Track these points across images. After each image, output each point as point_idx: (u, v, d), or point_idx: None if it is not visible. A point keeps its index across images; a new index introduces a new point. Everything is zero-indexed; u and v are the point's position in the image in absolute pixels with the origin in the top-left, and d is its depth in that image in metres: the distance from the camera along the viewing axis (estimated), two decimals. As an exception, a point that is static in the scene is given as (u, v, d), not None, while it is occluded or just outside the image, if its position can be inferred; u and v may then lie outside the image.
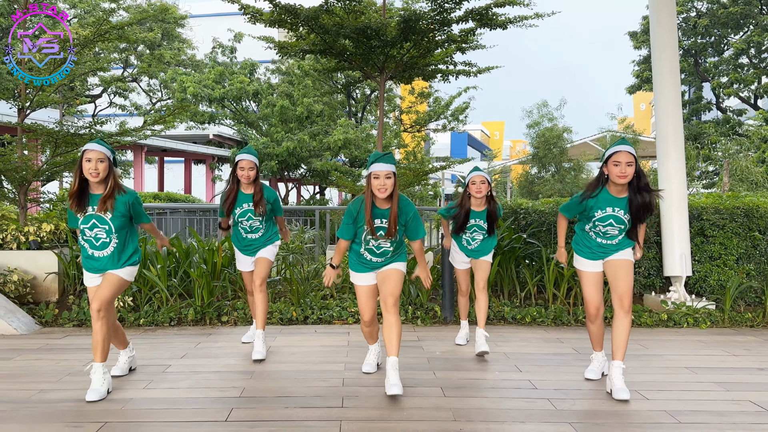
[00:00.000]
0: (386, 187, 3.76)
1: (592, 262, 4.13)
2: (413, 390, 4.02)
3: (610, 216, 3.95)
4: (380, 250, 4.03)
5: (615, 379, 3.91)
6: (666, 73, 6.99)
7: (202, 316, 6.22)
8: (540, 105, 31.43)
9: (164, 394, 3.92)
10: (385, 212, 3.89)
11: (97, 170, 3.76)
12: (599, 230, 4.04)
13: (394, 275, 4.05)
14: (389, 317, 3.95)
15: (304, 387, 4.07)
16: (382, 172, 3.76)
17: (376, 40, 7.19)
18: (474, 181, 4.84)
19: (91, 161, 3.76)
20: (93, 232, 3.90)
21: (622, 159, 3.78)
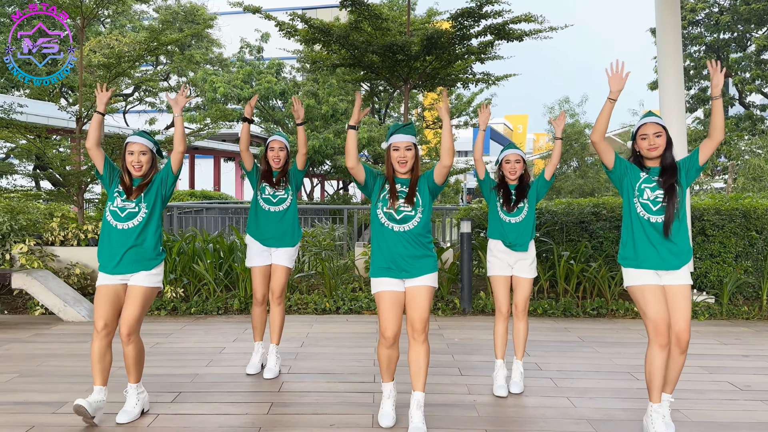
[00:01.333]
0: (406, 158, 3.49)
1: (648, 273, 3.45)
2: (434, 369, 4.68)
3: (653, 180, 3.47)
4: (401, 215, 3.51)
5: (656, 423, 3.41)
6: (671, 72, 7.42)
7: (246, 306, 6.95)
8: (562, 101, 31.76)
9: (225, 370, 4.65)
10: (405, 181, 3.57)
11: (140, 162, 3.67)
12: (647, 199, 3.45)
13: (422, 295, 3.52)
14: (416, 346, 3.50)
15: (341, 366, 4.77)
16: (402, 143, 3.49)
17: (401, 55, 7.84)
18: (508, 160, 4.25)
19: (133, 154, 3.67)
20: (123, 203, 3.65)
21: (649, 131, 3.48)
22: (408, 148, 3.50)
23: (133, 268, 3.67)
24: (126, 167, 3.71)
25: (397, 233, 3.52)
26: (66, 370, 4.67)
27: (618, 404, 4.03)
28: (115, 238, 3.66)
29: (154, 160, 3.81)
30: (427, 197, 3.59)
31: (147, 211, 3.70)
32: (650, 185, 3.48)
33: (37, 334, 5.90)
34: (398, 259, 3.52)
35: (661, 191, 3.45)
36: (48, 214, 8.68)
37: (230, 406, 3.87)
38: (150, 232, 3.72)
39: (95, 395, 3.67)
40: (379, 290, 3.55)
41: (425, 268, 3.56)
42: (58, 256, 7.65)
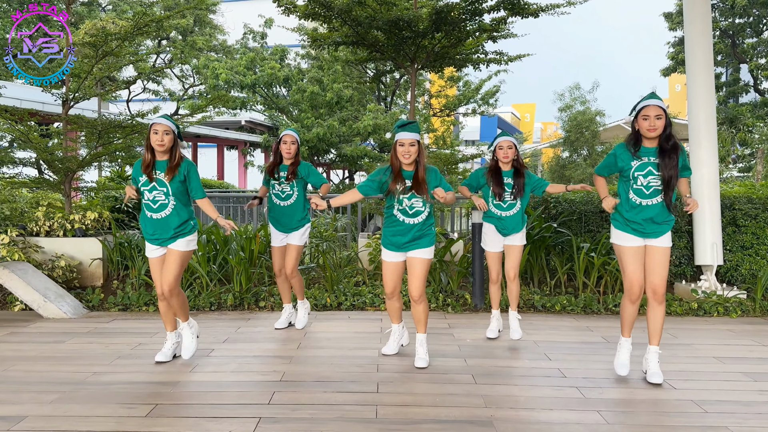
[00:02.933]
0: (410, 153, 4.08)
1: (632, 237, 4.02)
2: (445, 377, 4.18)
3: (648, 164, 3.91)
4: (413, 210, 4.23)
5: (651, 363, 4.10)
6: (699, 58, 6.95)
7: (241, 302, 6.46)
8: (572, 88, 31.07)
9: (210, 377, 4.15)
10: (411, 174, 4.18)
11: (163, 141, 4.17)
12: (641, 185, 3.93)
13: (418, 267, 4.30)
14: (415, 306, 4.37)
15: (340, 372, 4.26)
16: (406, 140, 4.08)
17: (408, 31, 7.28)
18: (501, 146, 4.85)
19: (158, 133, 4.16)
20: (152, 195, 4.26)
21: (650, 112, 3.82)
22: (412, 144, 4.09)
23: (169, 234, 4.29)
24: (150, 146, 4.20)
25: (406, 224, 4.27)
26: (35, 377, 4.17)
27: (657, 420, 3.51)
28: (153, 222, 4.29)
29: (176, 142, 4.29)
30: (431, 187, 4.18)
31: (175, 203, 4.27)
32: (642, 172, 3.92)
33: (12, 332, 5.42)
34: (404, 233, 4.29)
35: (654, 176, 3.90)
36: (35, 203, 8.20)
37: (211, 423, 3.37)
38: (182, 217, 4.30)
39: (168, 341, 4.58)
40: (385, 259, 4.41)
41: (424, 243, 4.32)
42: (42, 248, 7.16)
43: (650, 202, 3.96)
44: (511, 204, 4.93)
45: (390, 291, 4.45)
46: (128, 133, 7.53)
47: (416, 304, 4.36)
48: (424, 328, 4.46)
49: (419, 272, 4.30)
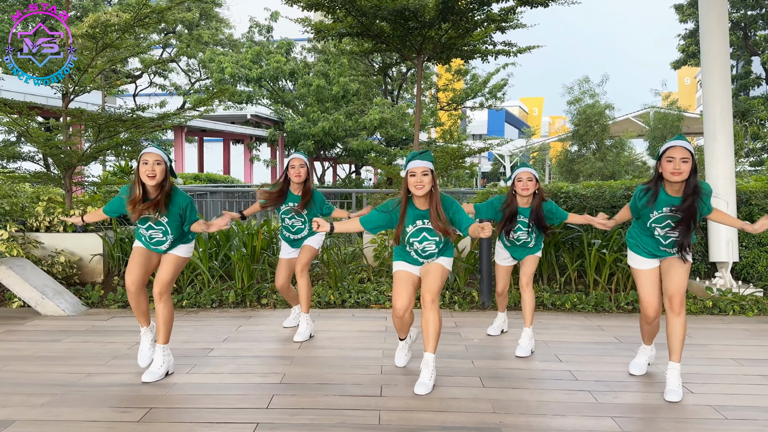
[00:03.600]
0: (423, 183, 3.67)
1: (647, 260, 3.88)
2: (451, 379, 4.02)
3: (667, 217, 3.70)
4: (426, 253, 3.87)
5: (670, 380, 3.80)
6: (714, 50, 6.73)
7: (243, 299, 6.31)
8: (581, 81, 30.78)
9: (208, 379, 4.00)
10: (425, 213, 3.79)
11: (154, 172, 3.81)
12: (658, 236, 3.78)
13: (435, 270, 3.87)
14: (427, 313, 3.82)
15: (342, 374, 4.10)
16: (418, 169, 3.68)
17: (414, 22, 7.10)
18: (520, 178, 4.49)
19: (148, 163, 3.81)
20: (148, 233, 4.00)
21: (676, 155, 3.53)
22: (425, 173, 3.69)
23: None
24: (140, 179, 3.84)
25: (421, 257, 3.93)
26: (27, 378, 4.03)
27: (674, 427, 3.33)
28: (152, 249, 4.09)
29: (167, 173, 3.92)
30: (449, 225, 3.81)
31: (173, 238, 4.02)
32: (660, 225, 3.73)
33: (8, 330, 5.29)
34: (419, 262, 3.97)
35: (671, 229, 3.70)
36: (35, 197, 8.09)
37: (206, 429, 3.22)
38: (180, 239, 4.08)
39: None
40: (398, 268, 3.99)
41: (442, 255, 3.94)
42: (42, 243, 7.05)
43: (666, 251, 3.82)
44: (526, 242, 4.68)
45: (400, 306, 3.89)
46: (129, 127, 7.40)
47: (427, 310, 3.80)
48: (432, 347, 3.82)
49: (437, 276, 3.85)
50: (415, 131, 7.82)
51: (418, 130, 7.78)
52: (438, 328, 3.83)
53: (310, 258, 5.01)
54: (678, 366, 3.81)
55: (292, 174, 4.84)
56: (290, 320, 5.39)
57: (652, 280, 3.88)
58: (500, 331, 5.22)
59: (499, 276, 4.92)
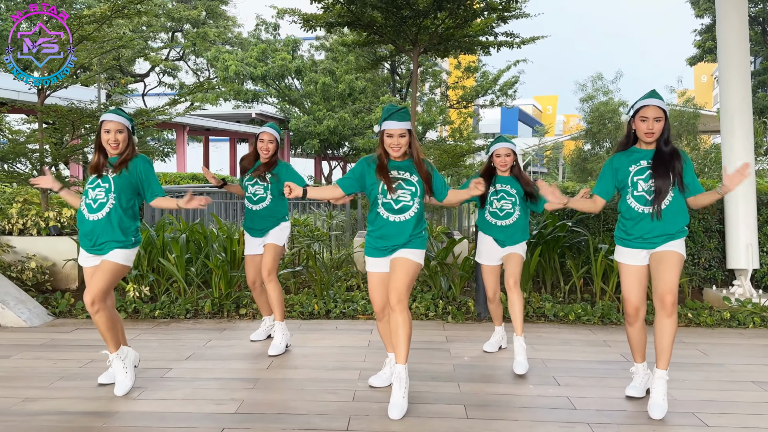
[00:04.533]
0: (400, 145, 3.46)
1: (634, 252, 3.51)
2: (432, 408, 3.53)
3: (647, 168, 3.44)
4: (399, 205, 3.52)
5: (655, 391, 3.41)
6: (733, 39, 6.18)
7: (220, 308, 5.87)
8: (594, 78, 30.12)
9: (154, 407, 3.54)
10: (402, 165, 3.55)
11: (117, 141, 3.65)
12: (642, 191, 3.43)
13: (403, 266, 3.49)
14: (395, 317, 3.43)
15: (309, 401, 3.63)
16: (396, 131, 3.45)
17: (407, 10, 6.62)
18: (498, 154, 4.27)
19: (110, 132, 3.63)
20: (94, 193, 3.66)
21: (649, 114, 3.38)
22: (402, 135, 3.46)
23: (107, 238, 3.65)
24: (101, 146, 3.67)
25: (393, 223, 3.53)
26: (-43, 402, 3.60)
27: (686, 472, 2.82)
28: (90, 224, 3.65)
29: (131, 138, 3.76)
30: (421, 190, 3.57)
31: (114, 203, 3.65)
32: (643, 176, 3.44)
33: (-41, 345, 4.88)
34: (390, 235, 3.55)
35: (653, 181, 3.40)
36: (12, 199, 7.70)
37: (134, 473, 2.76)
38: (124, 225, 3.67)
39: None
40: (370, 270, 3.68)
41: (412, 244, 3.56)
42: (14, 247, 6.66)
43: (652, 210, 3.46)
44: (509, 213, 4.30)
45: (379, 308, 3.69)
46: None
47: (394, 312, 3.43)
48: (404, 355, 3.41)
49: (403, 273, 3.48)
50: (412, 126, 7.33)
51: (414, 127, 7.29)
52: (408, 334, 3.44)
53: (276, 259, 4.66)
54: (665, 374, 3.44)
55: (260, 148, 4.61)
56: (259, 333, 4.94)
57: (637, 277, 3.53)
58: (498, 347, 4.73)
59: (487, 279, 4.47)
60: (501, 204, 4.31)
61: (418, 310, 5.78)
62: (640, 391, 3.69)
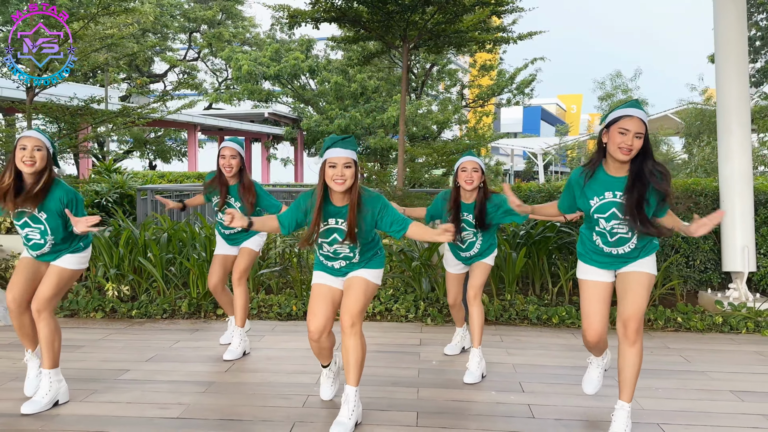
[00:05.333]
0: (344, 177, 3.01)
1: (597, 270, 3.13)
2: (383, 415, 3.39)
3: (611, 204, 2.93)
4: (339, 256, 3.24)
5: (615, 423, 3.05)
6: (731, 35, 5.94)
7: (198, 308, 5.79)
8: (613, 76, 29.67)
9: (99, 410, 3.45)
10: (341, 210, 3.13)
11: (33, 159, 3.30)
12: (603, 229, 3.00)
13: (356, 287, 3.21)
14: (347, 340, 3.16)
15: (256, 407, 3.51)
16: (340, 160, 3.01)
17: (393, 5, 6.47)
18: (464, 168, 3.92)
19: (26, 149, 3.30)
20: (24, 232, 3.47)
21: (631, 127, 2.80)
22: (347, 165, 3.03)
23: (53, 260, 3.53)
24: (14, 166, 3.33)
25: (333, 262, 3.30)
26: None
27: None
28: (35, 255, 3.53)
29: (50, 162, 3.41)
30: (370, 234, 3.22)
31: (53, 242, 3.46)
32: (604, 215, 2.97)
33: (-71, 343, 4.86)
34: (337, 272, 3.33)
35: (618, 221, 2.94)
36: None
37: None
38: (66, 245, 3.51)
39: None
40: (315, 281, 3.37)
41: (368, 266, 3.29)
42: (0, 246, 6.68)
43: (615, 251, 3.05)
44: (471, 243, 4.04)
45: (313, 328, 3.24)
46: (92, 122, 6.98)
47: (345, 336, 3.15)
48: (354, 379, 3.17)
49: (358, 293, 3.19)
50: (401, 125, 7.19)
51: (403, 124, 7.15)
52: (360, 358, 3.18)
53: (249, 263, 4.51)
54: (628, 407, 3.06)
55: (222, 165, 4.30)
56: (228, 335, 4.82)
57: (599, 296, 3.13)
58: (460, 349, 4.58)
59: (449, 285, 4.29)
60: (463, 235, 4.03)
61: (399, 312, 5.64)
62: (596, 387, 3.49)
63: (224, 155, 4.31)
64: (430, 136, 21.54)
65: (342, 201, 3.14)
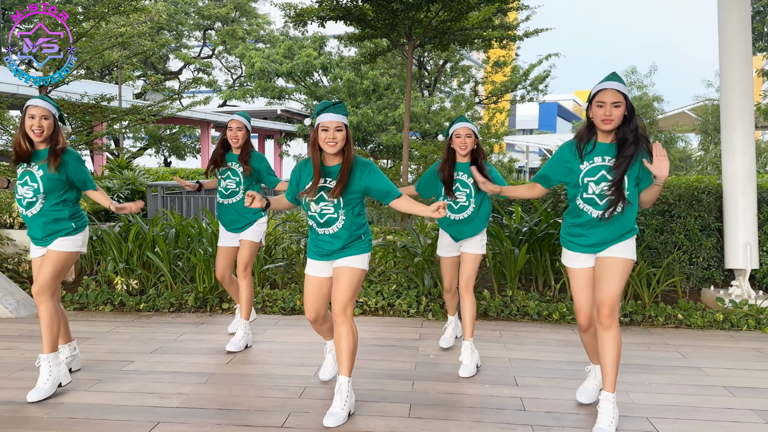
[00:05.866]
0: (336, 140, 3.15)
1: (582, 257, 3.28)
2: (377, 406, 3.47)
3: (600, 167, 3.12)
4: (324, 218, 3.29)
5: (601, 415, 3.15)
6: (734, 31, 5.92)
7: (204, 302, 5.90)
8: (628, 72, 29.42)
9: (100, 399, 3.57)
10: (332, 170, 3.26)
11: (41, 127, 3.51)
12: (593, 194, 3.13)
13: (344, 276, 3.31)
14: (338, 329, 3.28)
15: (254, 397, 3.61)
16: (331, 123, 3.13)
17: (398, 3, 6.53)
18: (458, 134, 4.03)
19: (34, 118, 3.51)
20: (23, 190, 3.61)
21: (607, 98, 3.03)
22: (338, 128, 3.16)
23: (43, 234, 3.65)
24: (25, 133, 3.52)
25: (323, 235, 3.36)
26: None
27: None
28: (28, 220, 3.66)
29: (57, 127, 3.60)
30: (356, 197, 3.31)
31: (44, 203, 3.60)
32: (594, 178, 3.14)
33: (-57, 335, 5.01)
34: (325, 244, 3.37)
35: (606, 183, 3.11)
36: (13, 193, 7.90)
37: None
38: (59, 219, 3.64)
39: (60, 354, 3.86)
40: (307, 272, 3.50)
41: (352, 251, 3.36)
42: (14, 240, 6.83)
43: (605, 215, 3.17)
44: (463, 206, 4.13)
45: (312, 317, 3.49)
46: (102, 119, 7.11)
47: (337, 324, 3.29)
48: (347, 369, 3.29)
49: (346, 282, 3.30)
50: (405, 122, 7.26)
51: (407, 121, 7.21)
52: (352, 346, 3.29)
53: (251, 255, 4.65)
54: (611, 397, 3.15)
55: (229, 136, 4.54)
56: (235, 324, 4.94)
57: (585, 282, 3.31)
58: (454, 339, 4.67)
59: (444, 271, 4.42)
60: (456, 195, 4.13)
61: (400, 307, 5.71)
62: (589, 396, 3.54)
63: (231, 127, 4.55)
64: (442, 132, 21.55)
65: (333, 161, 3.29)
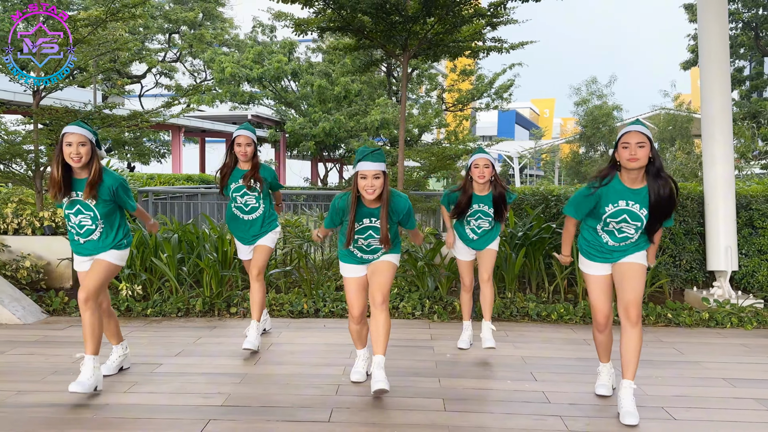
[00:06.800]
0: (374, 187, 3.47)
1: (599, 265, 3.61)
2: (412, 401, 3.67)
3: (623, 211, 3.40)
4: (370, 248, 3.74)
5: (624, 401, 3.46)
6: (714, 45, 6.33)
7: (211, 307, 5.99)
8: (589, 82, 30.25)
9: (144, 399, 3.67)
10: (374, 211, 3.61)
11: (79, 154, 3.53)
12: (612, 228, 3.49)
13: (384, 268, 3.75)
14: (377, 314, 3.70)
15: (293, 395, 3.76)
16: (369, 172, 3.45)
17: (397, 16, 6.75)
18: (477, 164, 4.37)
19: (72, 145, 3.53)
20: (77, 219, 3.70)
21: (631, 140, 3.28)
22: (376, 176, 3.46)
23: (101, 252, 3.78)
24: (62, 160, 3.55)
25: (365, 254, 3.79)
26: (-48, 395, 3.73)
27: (649, 462, 2.96)
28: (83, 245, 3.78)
29: (94, 152, 3.64)
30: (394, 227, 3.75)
31: (104, 227, 3.74)
32: (616, 219, 3.43)
33: (-45, 341, 4.99)
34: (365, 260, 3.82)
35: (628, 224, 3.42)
36: (7, 199, 7.82)
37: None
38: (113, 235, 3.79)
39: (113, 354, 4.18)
40: (346, 275, 3.85)
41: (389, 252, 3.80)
42: (9, 246, 6.77)
43: (619, 244, 3.55)
44: (486, 230, 4.58)
45: (358, 313, 3.85)
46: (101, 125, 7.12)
47: (378, 311, 3.69)
48: (383, 349, 3.70)
49: (387, 274, 3.76)
50: (400, 132, 7.47)
51: (402, 131, 7.43)
52: (389, 329, 3.75)
53: (266, 259, 4.81)
54: (632, 384, 3.49)
55: (238, 152, 4.63)
56: (260, 326, 5.06)
57: (603, 287, 3.64)
58: (470, 343, 4.87)
59: (463, 272, 4.76)
60: (479, 223, 4.53)
61: (405, 310, 5.91)
62: (609, 390, 3.82)
63: (240, 143, 4.62)
64: (411, 139, 21.84)
65: (373, 205, 3.61)
